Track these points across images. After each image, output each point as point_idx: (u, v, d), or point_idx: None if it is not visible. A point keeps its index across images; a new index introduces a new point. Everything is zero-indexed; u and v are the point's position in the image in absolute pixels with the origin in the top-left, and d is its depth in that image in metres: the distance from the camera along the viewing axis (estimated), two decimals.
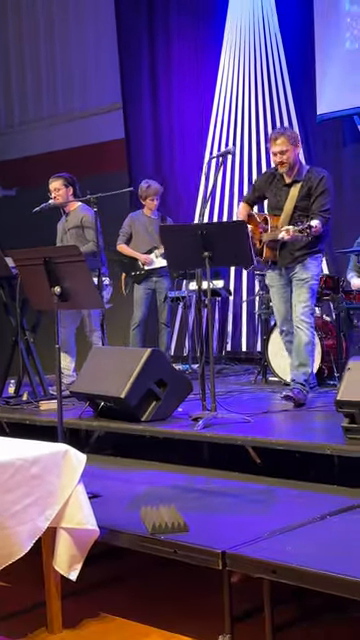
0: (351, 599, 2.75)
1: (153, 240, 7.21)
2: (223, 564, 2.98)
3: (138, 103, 9.74)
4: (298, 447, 4.22)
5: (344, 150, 8.19)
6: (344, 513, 3.47)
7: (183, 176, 9.32)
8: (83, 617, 3.36)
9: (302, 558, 2.89)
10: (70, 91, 10.62)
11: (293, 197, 5.29)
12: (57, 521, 3.19)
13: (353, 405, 4.02)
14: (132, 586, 3.72)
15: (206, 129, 9.14)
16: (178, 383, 5.00)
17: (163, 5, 9.45)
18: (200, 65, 9.18)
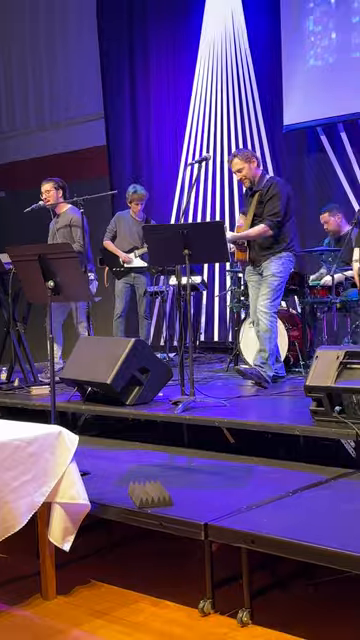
0: (321, 565, 2.79)
1: (134, 240, 7.27)
2: (205, 535, 2.99)
3: (118, 113, 9.72)
4: (269, 428, 4.23)
5: (308, 158, 8.23)
6: (313, 488, 3.48)
7: (160, 180, 9.32)
8: (75, 585, 3.36)
9: (277, 529, 2.90)
10: (55, 101, 10.56)
11: (253, 205, 5.41)
12: (52, 496, 3.18)
13: (320, 390, 4.04)
14: (121, 556, 3.72)
15: (181, 138, 9.14)
16: (159, 370, 5.00)
17: (142, 22, 9.43)
18: (176, 78, 9.17)
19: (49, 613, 3.12)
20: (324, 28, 7.86)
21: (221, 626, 2.93)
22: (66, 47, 10.34)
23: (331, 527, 2.95)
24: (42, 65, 10.61)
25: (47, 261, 3.77)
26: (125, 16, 9.53)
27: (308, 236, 7.85)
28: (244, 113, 8.65)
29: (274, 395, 5.22)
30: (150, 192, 9.24)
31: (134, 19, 9.49)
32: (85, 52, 10.07)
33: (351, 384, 3.94)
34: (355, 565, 2.66)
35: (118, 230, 7.32)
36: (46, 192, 6.44)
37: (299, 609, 3.06)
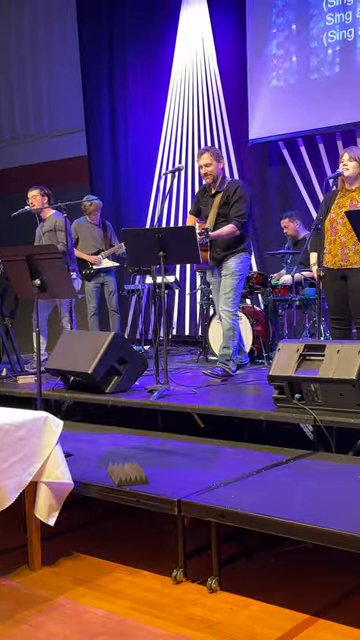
0: (283, 537, 2.81)
1: (97, 243, 7.27)
2: (179, 510, 3.00)
3: (98, 126, 9.68)
4: (236, 414, 4.24)
5: (270, 170, 8.26)
6: (275, 468, 3.50)
7: (136, 188, 9.31)
8: (59, 556, 3.35)
9: (244, 504, 2.92)
10: (40, 115, 10.49)
11: (215, 205, 5.28)
12: (38, 476, 3.18)
13: (282, 379, 4.06)
14: (101, 530, 3.72)
15: (156, 149, 9.12)
16: (136, 361, 4.99)
17: (120, 44, 9.40)
18: (151, 95, 9.15)
19: (35, 582, 3.11)
20: (285, 52, 7.89)
21: (192, 593, 2.95)
22: (50, 66, 10.27)
23: (291, 503, 2.96)
24: (27, 82, 10.52)
25: (34, 261, 3.75)
26: (105, 38, 9.49)
27: (270, 240, 7.92)
28: (213, 128, 8.66)
29: (240, 384, 5.24)
30: (127, 199, 9.29)
31: (113, 41, 9.45)
32: (67, 71, 10.01)
33: (309, 374, 3.97)
34: (312, 536, 2.69)
35: (80, 236, 7.27)
36: (32, 198, 6.41)
37: (262, 577, 3.08)
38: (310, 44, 7.70)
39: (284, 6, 7.86)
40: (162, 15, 8.92)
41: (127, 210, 9.24)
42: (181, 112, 8.92)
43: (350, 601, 2.84)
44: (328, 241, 4.82)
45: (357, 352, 3.88)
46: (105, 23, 9.46)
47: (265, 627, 2.65)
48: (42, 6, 10.15)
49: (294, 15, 7.79)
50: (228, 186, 5.32)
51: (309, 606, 2.78)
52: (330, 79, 7.57)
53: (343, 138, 7.55)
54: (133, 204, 9.21)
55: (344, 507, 2.89)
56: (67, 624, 2.74)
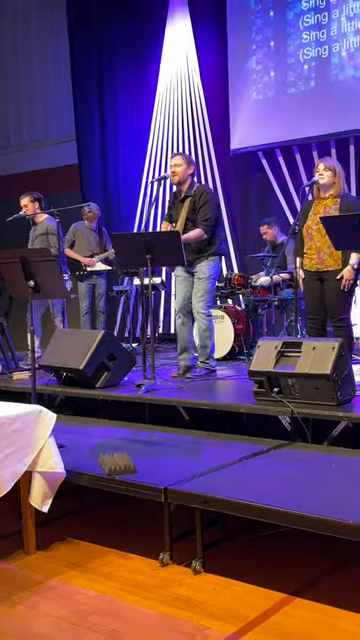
0: (263, 521, 2.83)
1: (92, 247, 7.27)
2: (165, 497, 3.00)
3: (89, 135, 9.66)
4: (219, 407, 4.27)
5: (251, 178, 8.28)
6: (255, 457, 3.52)
7: (125, 195, 9.30)
8: (53, 541, 3.35)
9: (226, 491, 2.94)
10: (33, 125, 10.45)
11: (184, 210, 5.18)
12: (33, 466, 3.17)
13: (261, 374, 4.08)
14: (92, 517, 3.72)
15: (143, 159, 9.11)
16: (125, 357, 5.00)
17: (109, 59, 9.39)
18: (139, 107, 9.14)
19: (30, 566, 3.11)
20: (264, 67, 7.92)
21: (177, 574, 2.96)
22: (42, 79, 10.24)
23: (270, 489, 2.98)
24: (21, 94, 10.48)
25: (29, 263, 3.74)
26: (95, 52, 9.48)
27: (250, 244, 7.95)
28: (197, 138, 8.68)
29: (222, 379, 5.26)
30: (116, 205, 9.28)
31: (103, 55, 9.44)
32: (59, 83, 9.99)
33: (287, 369, 3.99)
34: (290, 521, 2.71)
35: (76, 239, 7.26)
36: (24, 206, 6.39)
37: (244, 559, 3.10)
38: (287, 60, 7.73)
39: (263, 24, 7.90)
40: (149, 31, 8.91)
41: (116, 215, 9.24)
42: (167, 123, 8.93)
43: (325, 581, 2.86)
44: (307, 246, 4.86)
45: (331, 349, 3.91)
46: (95, 38, 9.44)
47: (246, 606, 2.67)
48: (35, 21, 10.12)
49: (272, 33, 7.83)
50: (196, 191, 5.20)
51: (287, 586, 2.79)
52: (306, 93, 7.61)
53: (318, 149, 7.60)
54: (122, 210, 9.21)
55: (320, 493, 2.92)
56: (60, 605, 2.75)
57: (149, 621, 2.60)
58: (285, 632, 2.47)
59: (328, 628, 2.49)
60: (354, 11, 7.25)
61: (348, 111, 7.23)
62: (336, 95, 7.36)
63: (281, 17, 7.75)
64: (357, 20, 7.24)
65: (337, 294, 4.75)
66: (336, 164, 4.88)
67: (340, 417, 3.76)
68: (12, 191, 6.95)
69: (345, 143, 7.45)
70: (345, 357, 3.98)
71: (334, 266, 4.74)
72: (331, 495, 2.89)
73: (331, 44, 7.41)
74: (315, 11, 7.51)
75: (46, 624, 2.61)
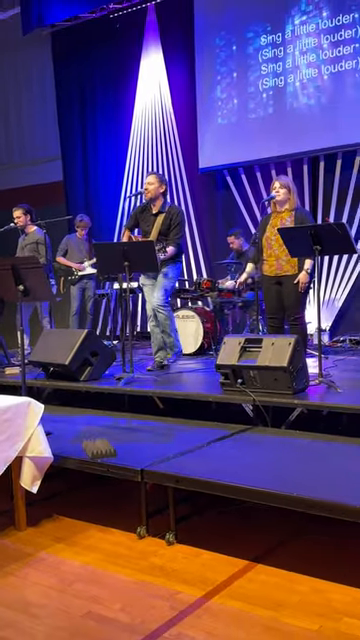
0: (228, 497, 2.85)
1: (82, 255, 7.23)
2: (142, 478, 3.02)
3: (72, 155, 9.60)
4: (190, 396, 4.27)
5: (217, 193, 8.31)
6: (221, 440, 3.54)
7: (105, 208, 9.26)
8: (41, 518, 3.34)
9: (196, 471, 2.95)
10: (23, 146, 10.35)
11: (158, 224, 5.13)
12: (23, 452, 3.16)
13: (227, 367, 4.09)
14: (77, 496, 3.71)
15: (121, 176, 9.09)
16: (106, 354, 4.98)
17: (90, 87, 9.34)
18: (117, 130, 9.12)
19: (21, 540, 3.10)
20: (228, 95, 7.95)
21: (153, 546, 2.97)
22: (30, 105, 10.14)
23: (235, 468, 3.00)
24: (11, 118, 10.38)
25: (18, 270, 3.72)
26: (77, 80, 9.42)
27: (217, 252, 7.98)
28: (169, 157, 8.68)
29: (193, 372, 5.27)
30: (97, 218, 9.22)
31: (84, 83, 9.38)
32: (46, 108, 9.91)
33: (249, 362, 4.02)
34: (252, 496, 2.74)
35: (69, 249, 7.23)
36: (17, 218, 6.34)
37: (212, 531, 3.12)
38: (248, 89, 7.77)
39: (226, 57, 7.93)
40: (126, 62, 8.90)
41: (97, 227, 9.16)
42: (142, 144, 8.92)
43: (281, 549, 2.89)
44: (266, 254, 4.89)
45: (288, 344, 3.95)
46: (77, 68, 9.38)
47: (214, 572, 2.69)
48: (23, 53, 10.01)
49: (235, 65, 7.86)
50: (170, 210, 5.15)
51: (249, 554, 2.82)
52: (265, 119, 7.66)
53: (276, 168, 7.66)
54: (102, 222, 9.16)
55: (278, 471, 2.95)
56: (48, 574, 2.74)
57: (127, 587, 2.60)
58: (248, 595, 2.50)
59: (286, 590, 2.52)
60: (306, 46, 7.32)
61: (302, 135, 7.29)
62: (291, 121, 7.42)
63: (242, 51, 7.78)
64: (309, 54, 7.30)
65: (294, 296, 4.80)
66: (290, 182, 4.93)
67: (296, 404, 3.80)
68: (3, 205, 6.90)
69: (299, 163, 7.51)
70: (300, 351, 4.02)
71: (291, 271, 4.79)
72: (287, 473, 2.92)
73: (286, 75, 7.46)
74: (272, 46, 7.56)
75: (36, 592, 2.60)
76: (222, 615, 2.35)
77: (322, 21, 7.19)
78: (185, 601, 2.45)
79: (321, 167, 7.40)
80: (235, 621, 2.31)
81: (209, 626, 2.28)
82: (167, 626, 2.28)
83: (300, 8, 7.32)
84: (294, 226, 4.65)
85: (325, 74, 7.20)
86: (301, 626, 2.25)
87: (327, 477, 2.82)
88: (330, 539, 2.93)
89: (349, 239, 4.07)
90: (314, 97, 7.29)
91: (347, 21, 7.02)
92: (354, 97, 7.00)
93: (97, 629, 2.29)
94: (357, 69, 6.99)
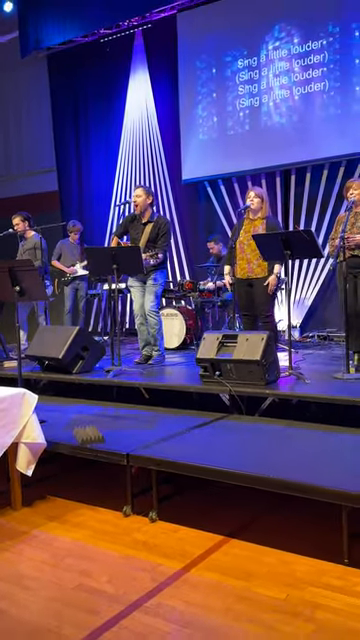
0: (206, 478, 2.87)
1: (75, 258, 7.20)
2: (127, 461, 3.02)
3: (67, 167, 9.53)
4: (173, 387, 4.26)
5: (198, 203, 8.29)
6: (201, 427, 3.55)
7: (96, 215, 9.20)
8: (35, 499, 3.33)
9: (176, 455, 2.96)
10: (21, 158, 10.26)
11: (146, 233, 5.10)
12: (18, 438, 3.14)
13: (206, 361, 4.10)
14: (68, 478, 3.70)
15: (112, 186, 9.04)
16: (96, 348, 4.96)
17: (84, 104, 9.27)
18: (108, 144, 9.06)
19: (16, 519, 3.09)
20: (209, 114, 7.94)
21: (137, 523, 2.98)
22: (28, 120, 10.05)
23: (212, 452, 3.01)
24: (10, 132, 10.29)
25: (15, 272, 3.69)
26: (71, 98, 9.34)
27: (199, 256, 7.97)
28: (155, 169, 8.65)
29: (176, 365, 5.28)
30: (89, 224, 9.18)
31: (78, 100, 9.31)
32: (42, 123, 9.82)
33: (226, 356, 4.03)
34: (227, 477, 2.75)
35: (62, 253, 7.20)
36: (16, 224, 6.28)
37: (190, 509, 3.13)
38: (227, 108, 7.77)
39: (207, 79, 7.92)
40: (115, 82, 8.84)
41: (89, 232, 9.13)
42: (130, 157, 8.88)
43: (253, 525, 2.91)
44: (239, 257, 4.90)
45: (261, 339, 3.96)
46: (71, 87, 9.31)
47: (192, 546, 2.70)
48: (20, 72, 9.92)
49: (215, 86, 7.85)
50: (158, 220, 5.13)
51: (224, 529, 2.84)
52: (242, 135, 7.66)
53: (252, 180, 7.67)
54: (94, 228, 9.12)
55: (252, 455, 2.96)
56: (42, 550, 2.73)
57: (114, 561, 2.60)
58: (222, 567, 2.51)
59: (256, 562, 2.54)
60: (279, 70, 7.33)
61: (275, 150, 7.31)
62: (265, 137, 7.43)
63: (221, 73, 7.78)
64: (282, 77, 7.32)
65: (264, 297, 4.82)
66: (263, 192, 4.94)
67: (267, 394, 3.82)
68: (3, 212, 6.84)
69: (273, 176, 7.53)
70: (272, 346, 4.03)
71: (261, 274, 4.80)
72: (260, 456, 2.93)
73: (261, 96, 7.47)
74: (248, 69, 7.57)
75: (30, 566, 2.59)
76: (199, 586, 2.36)
77: (293, 47, 7.21)
78: (165, 573, 2.46)
79: (292, 179, 7.42)
80: (211, 591, 2.31)
81: (187, 596, 2.28)
82: (148, 596, 2.29)
83: (274, 35, 7.33)
84: (267, 233, 4.66)
85: (296, 95, 7.22)
86: (270, 595, 2.27)
87: (296, 460, 2.84)
88: (297, 516, 2.95)
89: (316, 244, 4.09)
90: (286, 116, 7.31)
91: (316, 47, 7.05)
92: (322, 116, 7.04)
93: (86, 600, 2.29)
94: (325, 91, 7.02)
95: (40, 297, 3.78)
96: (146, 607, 2.21)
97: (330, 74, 6.97)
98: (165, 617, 2.13)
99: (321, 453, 2.95)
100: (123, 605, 2.23)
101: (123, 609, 2.20)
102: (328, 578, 2.36)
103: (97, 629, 2.08)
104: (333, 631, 2.01)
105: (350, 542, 2.51)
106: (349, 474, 2.60)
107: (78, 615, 2.18)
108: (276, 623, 2.07)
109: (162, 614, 2.16)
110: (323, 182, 7.19)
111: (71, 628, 2.10)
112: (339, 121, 6.91)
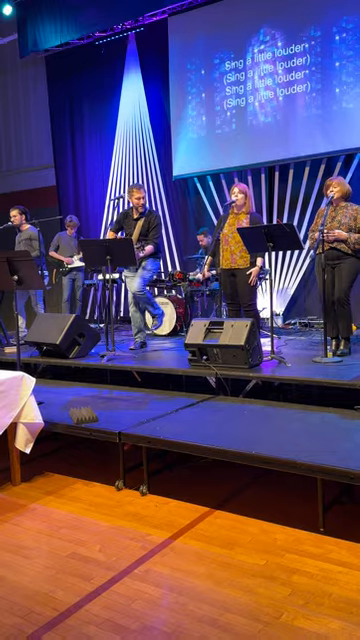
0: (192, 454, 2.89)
1: (71, 250, 7.15)
2: (119, 439, 3.02)
3: (64, 164, 9.42)
4: (163, 371, 4.27)
5: (188, 198, 8.24)
6: (188, 408, 3.57)
7: (92, 210, 9.14)
8: (34, 475, 3.34)
9: (166, 433, 2.96)
10: (20, 155, 10.14)
11: (138, 227, 5.12)
12: (17, 418, 3.14)
13: (194, 346, 4.11)
14: (65, 456, 3.71)
15: (106, 182, 8.95)
16: (92, 335, 4.95)
17: (79, 105, 9.15)
18: (102, 142, 8.97)
19: (16, 494, 3.09)
20: (197, 113, 7.87)
21: (129, 496, 2.99)
22: (27, 119, 9.92)
23: (199, 430, 3.02)
24: (10, 130, 10.15)
25: (13, 262, 3.67)
26: (68, 99, 9.22)
27: (189, 248, 7.95)
28: (147, 166, 8.57)
29: (166, 349, 5.28)
30: (85, 218, 9.13)
31: (74, 101, 9.19)
32: (40, 122, 9.70)
33: (213, 342, 4.04)
34: (212, 453, 2.76)
35: (60, 244, 7.16)
36: (13, 217, 6.22)
37: (178, 483, 3.15)
38: (215, 108, 7.70)
39: (196, 80, 7.84)
40: (110, 82, 8.73)
41: (85, 226, 9.08)
42: (124, 155, 8.79)
43: (236, 498, 2.93)
44: (223, 249, 4.89)
45: (245, 326, 3.98)
46: (68, 88, 9.18)
47: (179, 517, 2.72)
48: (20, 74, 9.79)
49: (203, 87, 7.78)
50: (149, 215, 5.14)
51: (209, 502, 2.86)
52: (229, 133, 7.61)
53: (238, 176, 7.63)
54: (90, 221, 9.06)
55: (235, 432, 2.97)
56: (39, 522, 2.74)
57: (106, 532, 2.62)
58: (207, 536, 2.53)
59: (238, 531, 2.56)
60: (264, 72, 7.27)
61: (260, 148, 7.27)
62: (251, 136, 7.38)
63: (210, 75, 7.70)
64: (266, 78, 7.26)
65: (246, 286, 4.81)
66: (247, 188, 4.92)
67: (251, 377, 3.84)
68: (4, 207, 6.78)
69: (258, 172, 7.49)
70: (255, 332, 4.04)
71: (244, 265, 4.80)
72: (243, 433, 2.94)
73: (247, 96, 7.41)
74: (235, 71, 7.50)
75: (28, 537, 2.60)
76: (185, 553, 2.38)
77: (277, 50, 7.14)
78: (154, 542, 2.47)
79: (276, 176, 7.39)
80: (196, 558, 2.34)
81: (173, 563, 2.30)
82: (138, 563, 2.30)
83: (259, 38, 7.26)
84: (251, 226, 4.65)
85: (280, 96, 7.17)
86: (250, 562, 2.29)
87: (277, 437, 2.86)
88: (276, 489, 2.97)
89: (297, 237, 4.09)
90: (270, 115, 7.26)
91: (299, 50, 6.99)
92: (304, 116, 6.99)
93: (79, 567, 2.31)
94: (307, 92, 6.97)
95: (37, 286, 3.76)
96: (135, 573, 2.23)
97: (312, 76, 6.92)
98: (153, 582, 2.15)
99: (299, 431, 2.97)
100: (114, 572, 2.24)
101: (114, 575, 2.21)
102: (305, 546, 2.39)
103: (89, 594, 2.10)
104: (307, 593, 2.04)
105: (325, 513, 2.54)
106: (325, 450, 2.62)
107: (72, 581, 2.19)
108: (255, 587, 2.09)
109: (150, 580, 2.18)
110: (305, 179, 7.17)
111: (64, 592, 2.11)
112: (320, 121, 6.87)
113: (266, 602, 1.99)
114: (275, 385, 3.90)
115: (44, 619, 1.95)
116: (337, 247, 4.32)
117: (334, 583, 2.09)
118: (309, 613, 1.92)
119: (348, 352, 4.40)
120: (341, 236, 4.27)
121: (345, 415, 3.24)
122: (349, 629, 1.82)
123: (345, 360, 4.16)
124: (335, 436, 2.85)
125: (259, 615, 1.92)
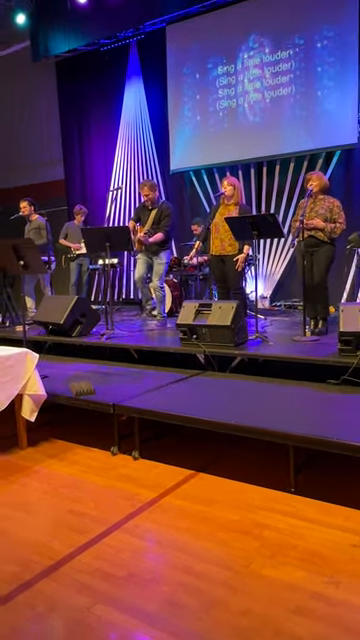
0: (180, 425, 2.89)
1: (79, 237, 7.08)
2: (114, 410, 3.03)
3: (72, 159, 9.31)
4: (157, 349, 4.24)
5: (184, 190, 8.15)
6: (179, 382, 3.56)
7: (97, 201, 9.03)
8: (39, 440, 3.36)
9: (156, 405, 2.97)
10: (33, 151, 10.01)
11: (151, 217, 5.18)
12: (23, 390, 3.14)
13: (185, 326, 4.10)
14: (66, 424, 3.72)
15: (110, 175, 8.86)
16: (93, 315, 4.93)
17: (86, 105, 9.00)
18: (106, 139, 8.84)
19: (22, 457, 3.12)
20: (193, 113, 7.74)
21: (123, 460, 3.01)
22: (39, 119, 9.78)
23: (188, 403, 3.02)
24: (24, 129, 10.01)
25: (19, 249, 3.64)
26: (76, 100, 9.08)
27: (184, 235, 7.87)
28: (147, 161, 8.47)
29: (161, 328, 5.27)
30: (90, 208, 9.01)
31: (81, 102, 9.03)
32: (51, 121, 9.57)
33: (202, 322, 4.04)
34: (197, 423, 2.76)
35: (68, 233, 7.09)
36: (23, 207, 6.17)
37: (166, 449, 3.16)
38: (208, 109, 7.57)
39: (191, 83, 7.69)
40: (113, 85, 8.58)
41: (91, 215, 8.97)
42: (126, 151, 8.68)
43: (217, 462, 2.95)
44: (213, 237, 4.85)
45: (231, 308, 3.96)
46: (76, 89, 9.03)
47: (166, 479, 2.74)
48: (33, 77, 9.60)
49: (198, 89, 7.63)
50: (161, 206, 5.21)
51: (193, 465, 2.88)
52: (221, 132, 7.49)
53: (230, 170, 7.51)
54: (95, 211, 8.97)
55: (221, 405, 2.97)
56: (43, 482, 2.76)
57: (101, 490, 2.64)
58: (189, 495, 2.55)
59: (218, 491, 2.58)
60: (253, 76, 7.12)
61: (249, 145, 7.17)
62: (241, 134, 7.27)
63: (204, 79, 7.55)
64: (255, 82, 7.12)
65: (234, 272, 4.79)
66: (236, 181, 4.86)
67: (236, 354, 3.84)
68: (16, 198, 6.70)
69: (248, 167, 7.40)
70: (241, 313, 4.03)
71: (232, 252, 4.76)
72: (227, 405, 2.95)
73: (238, 98, 7.28)
74: (227, 75, 7.35)
75: (32, 495, 2.62)
76: (169, 510, 2.40)
77: (265, 56, 6.99)
78: (142, 500, 2.50)
79: (264, 171, 7.30)
80: (179, 514, 2.36)
81: (159, 519, 2.33)
82: (127, 519, 2.33)
83: (248, 45, 7.10)
84: (237, 216, 4.61)
85: (267, 98, 7.04)
86: (227, 517, 2.31)
87: (257, 408, 2.87)
88: (253, 454, 2.99)
89: (278, 226, 4.05)
90: (259, 116, 7.14)
91: (284, 56, 6.84)
92: (289, 116, 6.88)
93: (75, 522, 2.33)
94: (292, 94, 6.85)
95: (40, 270, 3.75)
96: (125, 528, 2.25)
97: (296, 80, 6.79)
98: (139, 536, 2.18)
99: (278, 402, 2.98)
100: (106, 526, 2.27)
101: (106, 529, 2.24)
102: (276, 504, 2.42)
103: (83, 545, 2.12)
104: (275, 546, 2.07)
105: (296, 475, 2.56)
106: (298, 419, 2.63)
107: (68, 534, 2.22)
108: (230, 540, 2.12)
109: (137, 533, 2.20)
110: (290, 173, 7.08)
111: (60, 544, 2.14)
112: (304, 121, 6.77)
113: (238, 553, 2.02)
114: (259, 362, 3.90)
115: (41, 567, 1.98)
116: (315, 235, 4.28)
117: (299, 537, 2.12)
118: (276, 563, 1.94)
119: (325, 331, 4.39)
120: (319, 225, 4.23)
121: (318, 389, 3.25)
122: (309, 577, 1.85)
123: (322, 339, 4.15)
124: (307, 407, 2.86)
125: (230, 564, 1.94)
